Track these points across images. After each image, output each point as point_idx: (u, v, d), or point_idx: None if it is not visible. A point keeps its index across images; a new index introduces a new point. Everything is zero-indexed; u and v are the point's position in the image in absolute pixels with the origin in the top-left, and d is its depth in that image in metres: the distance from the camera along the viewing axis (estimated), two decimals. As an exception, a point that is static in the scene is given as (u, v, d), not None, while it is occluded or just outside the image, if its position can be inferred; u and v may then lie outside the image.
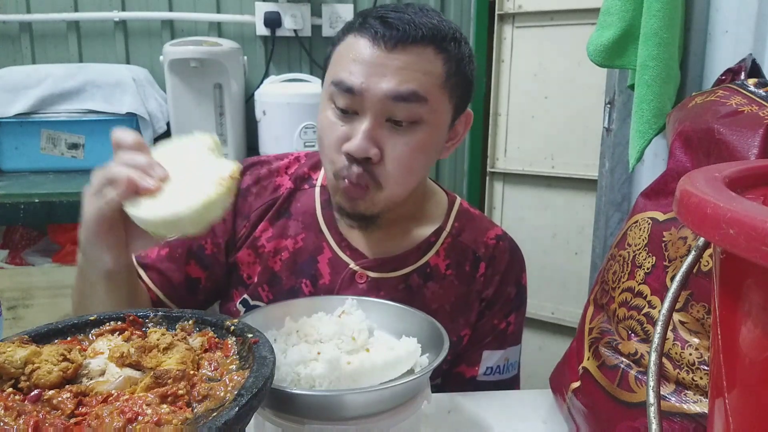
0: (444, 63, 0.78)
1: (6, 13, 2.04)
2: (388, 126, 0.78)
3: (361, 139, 0.76)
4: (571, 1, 1.99)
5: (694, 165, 0.67)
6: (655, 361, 0.45)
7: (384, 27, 0.76)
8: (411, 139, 0.78)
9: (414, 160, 0.79)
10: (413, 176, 0.82)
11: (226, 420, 0.42)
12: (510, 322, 0.93)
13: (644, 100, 1.07)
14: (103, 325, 0.58)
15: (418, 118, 0.78)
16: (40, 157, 1.83)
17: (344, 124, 0.79)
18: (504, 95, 2.18)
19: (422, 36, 0.76)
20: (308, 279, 0.88)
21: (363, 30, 0.78)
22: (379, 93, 0.75)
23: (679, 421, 0.58)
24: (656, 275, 0.64)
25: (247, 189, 0.92)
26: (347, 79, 0.76)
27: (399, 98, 0.76)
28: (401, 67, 0.75)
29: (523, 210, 2.22)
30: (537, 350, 2.20)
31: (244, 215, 0.91)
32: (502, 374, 0.93)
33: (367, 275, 0.88)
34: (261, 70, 2.17)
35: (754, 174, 0.41)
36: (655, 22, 1.04)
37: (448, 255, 0.90)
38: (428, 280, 0.89)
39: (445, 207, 0.94)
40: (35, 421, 0.43)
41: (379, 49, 0.76)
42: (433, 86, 0.77)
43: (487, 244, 0.92)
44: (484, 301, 0.92)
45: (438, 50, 0.77)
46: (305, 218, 0.90)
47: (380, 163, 0.78)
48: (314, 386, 0.61)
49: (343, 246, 0.89)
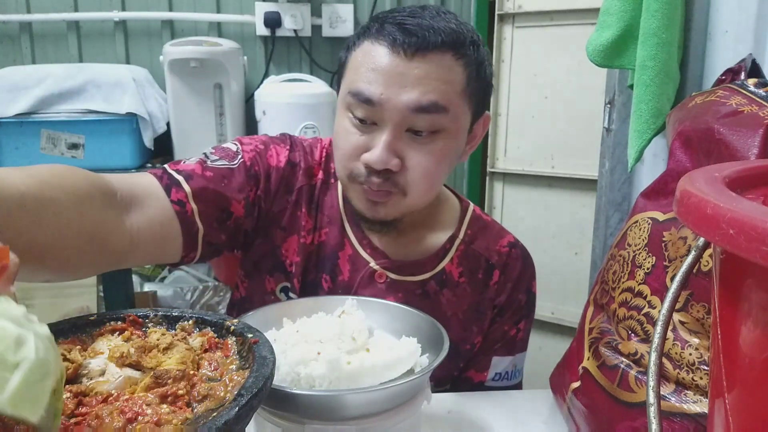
0: (464, 69, 0.77)
1: (6, 13, 2.04)
2: (408, 136, 0.77)
3: (381, 150, 0.75)
4: (571, 1, 1.99)
5: (694, 165, 0.67)
6: (655, 361, 0.45)
7: (403, 34, 0.74)
8: (432, 148, 0.77)
9: (435, 168, 0.79)
10: (436, 184, 0.82)
11: (226, 420, 0.42)
12: (520, 329, 0.93)
13: (643, 100, 1.07)
14: (103, 325, 0.58)
15: (439, 128, 0.77)
16: (40, 157, 1.83)
17: (363, 134, 0.77)
18: (504, 95, 2.18)
19: (442, 42, 0.74)
20: (328, 274, 0.88)
21: (380, 36, 0.75)
22: (399, 105, 0.74)
23: (679, 421, 0.58)
24: (656, 275, 0.64)
25: (297, 165, 0.88)
26: (366, 90, 0.75)
27: (420, 110, 0.74)
28: (421, 76, 0.74)
29: (523, 210, 2.22)
30: (537, 350, 2.20)
31: (289, 189, 0.87)
32: (510, 380, 0.93)
33: (387, 275, 0.87)
34: (261, 70, 2.17)
35: (754, 174, 0.41)
36: (654, 22, 1.04)
37: (461, 262, 0.90)
38: (444, 288, 0.89)
39: (457, 213, 0.93)
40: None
41: (398, 58, 0.74)
42: (453, 94, 0.76)
43: (500, 252, 0.92)
44: (497, 308, 0.92)
45: (457, 56, 0.76)
46: (330, 212, 0.89)
47: (401, 172, 0.77)
48: (314, 386, 0.61)
49: (364, 244, 0.88)
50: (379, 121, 0.76)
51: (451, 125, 0.77)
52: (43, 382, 0.34)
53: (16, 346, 0.33)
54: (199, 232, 0.78)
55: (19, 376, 0.32)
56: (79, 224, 0.61)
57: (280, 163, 0.87)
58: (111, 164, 1.86)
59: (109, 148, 1.86)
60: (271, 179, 0.86)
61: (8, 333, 0.34)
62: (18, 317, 0.35)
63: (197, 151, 0.90)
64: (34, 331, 0.35)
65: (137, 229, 0.70)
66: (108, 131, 1.84)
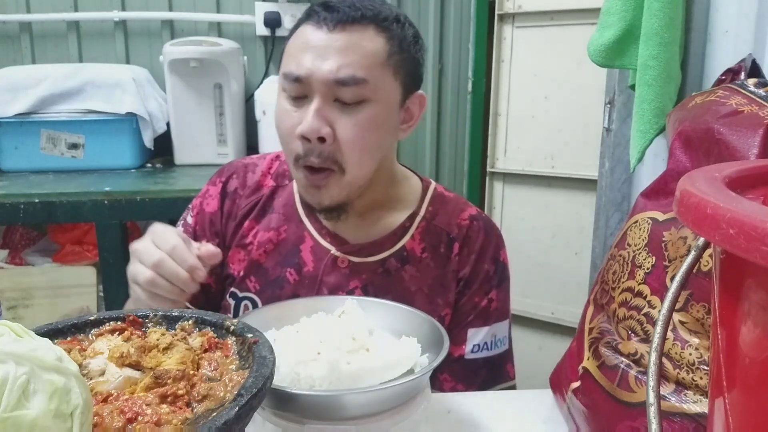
0: (385, 42, 0.82)
1: (6, 13, 2.04)
2: (337, 106, 0.81)
3: (311, 118, 0.80)
4: (571, 1, 1.98)
5: (694, 165, 0.67)
6: (655, 361, 0.45)
7: (326, 11, 0.81)
8: (361, 118, 0.81)
9: (367, 137, 0.82)
10: (370, 155, 0.85)
11: (226, 420, 0.42)
12: (492, 299, 0.94)
13: (645, 100, 1.07)
14: (103, 325, 0.58)
15: (364, 98, 0.81)
16: (40, 157, 1.83)
17: (297, 110, 0.83)
18: (504, 95, 2.18)
19: (362, 16, 0.81)
20: (292, 268, 0.92)
21: (309, 18, 0.83)
22: (322, 76, 0.79)
23: (679, 420, 0.58)
24: (656, 275, 0.64)
25: (234, 191, 0.97)
26: (294, 69, 0.81)
27: (340, 83, 0.79)
28: (342, 47, 0.79)
29: (523, 210, 2.22)
30: (537, 350, 2.20)
31: (233, 216, 0.96)
32: (491, 350, 0.94)
33: (348, 260, 0.91)
34: (261, 70, 2.17)
35: (754, 174, 0.41)
36: (655, 22, 1.04)
37: (423, 239, 0.93)
38: (405, 264, 0.92)
39: (419, 192, 0.97)
40: (35, 421, 0.43)
41: (321, 31, 0.80)
42: (374, 65, 0.81)
43: (461, 225, 0.95)
44: (461, 280, 0.94)
45: (379, 29, 0.82)
46: (286, 210, 0.95)
47: (335, 143, 0.81)
48: (314, 386, 0.61)
49: (323, 233, 0.93)
50: (309, 93, 0.81)
51: (375, 95, 0.82)
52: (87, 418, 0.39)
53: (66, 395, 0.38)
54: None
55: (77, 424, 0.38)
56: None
57: (214, 208, 0.96)
58: (111, 164, 1.86)
59: (109, 148, 1.85)
60: (216, 223, 0.96)
61: (58, 387, 0.38)
62: (54, 362, 0.40)
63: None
64: (72, 373, 0.40)
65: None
66: (108, 131, 1.84)
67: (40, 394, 0.36)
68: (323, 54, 0.80)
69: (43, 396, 0.36)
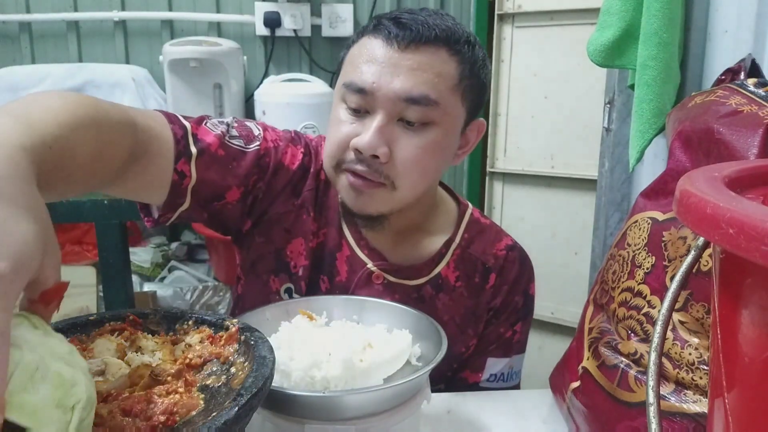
0: (457, 65, 0.77)
1: (6, 13, 2.04)
2: (400, 125, 0.77)
3: (371, 134, 0.75)
4: (571, 1, 1.99)
5: (693, 165, 0.67)
6: (654, 361, 0.45)
7: (397, 27, 0.76)
8: (422, 141, 0.77)
9: (425, 161, 0.78)
10: (424, 178, 0.81)
11: (226, 420, 0.42)
12: (516, 331, 0.93)
13: (644, 100, 1.07)
14: (103, 325, 0.58)
15: (430, 120, 0.77)
16: (40, 157, 1.83)
17: (355, 122, 0.78)
18: (504, 95, 2.18)
19: (435, 36, 0.75)
20: (326, 275, 0.88)
21: (377, 31, 0.77)
22: (390, 93, 0.75)
23: (679, 420, 0.58)
24: (656, 275, 0.64)
25: (307, 169, 0.88)
26: (359, 79, 0.76)
27: (411, 100, 0.75)
28: (414, 67, 0.75)
29: (523, 210, 2.22)
30: (537, 350, 2.20)
31: (297, 192, 0.87)
32: (506, 382, 0.93)
33: (384, 277, 0.87)
34: (261, 70, 2.17)
35: (754, 174, 0.41)
36: (655, 22, 1.04)
37: (457, 267, 0.90)
38: (439, 292, 0.89)
39: (455, 217, 0.93)
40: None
41: (392, 49, 0.76)
42: (445, 88, 0.77)
43: (497, 255, 0.92)
44: (492, 310, 0.92)
45: (451, 52, 0.77)
46: (329, 213, 0.89)
47: (389, 163, 0.77)
48: (329, 387, 0.61)
49: (361, 245, 0.88)
50: (372, 109, 0.77)
51: (442, 119, 0.78)
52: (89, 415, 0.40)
53: (71, 388, 0.38)
54: (183, 204, 0.78)
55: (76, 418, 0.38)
56: (94, 150, 0.61)
57: (292, 165, 0.86)
58: (111, 164, 1.86)
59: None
60: (279, 176, 0.85)
61: (65, 378, 0.38)
62: (64, 355, 0.40)
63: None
64: (80, 368, 0.40)
65: (134, 173, 0.70)
66: (108, 131, 1.84)
67: (47, 382, 0.37)
68: (393, 71, 0.75)
69: (49, 385, 0.37)
